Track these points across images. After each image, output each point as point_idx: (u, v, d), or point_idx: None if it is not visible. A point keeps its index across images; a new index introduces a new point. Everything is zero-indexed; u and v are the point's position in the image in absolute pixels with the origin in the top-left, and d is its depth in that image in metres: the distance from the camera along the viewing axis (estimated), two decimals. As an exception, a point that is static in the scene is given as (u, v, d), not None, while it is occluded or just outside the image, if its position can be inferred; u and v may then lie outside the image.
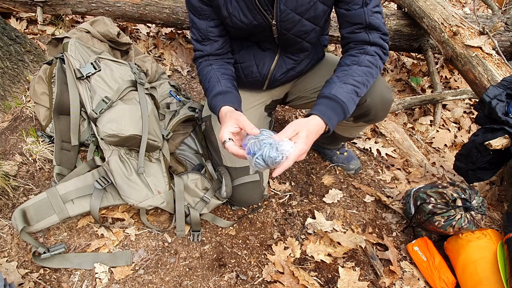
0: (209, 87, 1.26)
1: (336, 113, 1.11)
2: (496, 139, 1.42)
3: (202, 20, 1.25)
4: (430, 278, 1.46)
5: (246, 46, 1.38)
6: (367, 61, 1.19)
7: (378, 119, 1.48)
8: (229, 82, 1.27)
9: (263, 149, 0.96)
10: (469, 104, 2.71)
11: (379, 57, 1.21)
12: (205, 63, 1.32)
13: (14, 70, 1.82)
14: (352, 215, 1.73)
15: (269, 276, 1.41)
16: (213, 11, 1.23)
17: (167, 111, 1.69)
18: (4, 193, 1.46)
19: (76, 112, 1.50)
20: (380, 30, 1.20)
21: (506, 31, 2.46)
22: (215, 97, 1.22)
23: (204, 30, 1.27)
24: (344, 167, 1.94)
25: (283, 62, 1.39)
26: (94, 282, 1.31)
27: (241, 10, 1.18)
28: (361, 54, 1.20)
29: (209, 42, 1.29)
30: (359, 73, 1.17)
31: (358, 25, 1.18)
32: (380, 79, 1.35)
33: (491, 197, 1.92)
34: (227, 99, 1.20)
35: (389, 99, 1.40)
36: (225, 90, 1.23)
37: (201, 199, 1.51)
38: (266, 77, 1.42)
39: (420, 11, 2.23)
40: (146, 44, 2.57)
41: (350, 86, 1.15)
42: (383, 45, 1.21)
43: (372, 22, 1.17)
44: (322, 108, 1.10)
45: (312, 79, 1.54)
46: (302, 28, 1.22)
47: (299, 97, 1.60)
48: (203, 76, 1.31)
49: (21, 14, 2.42)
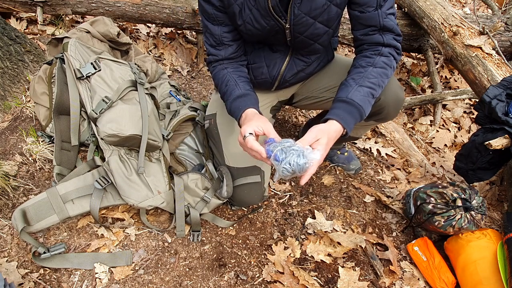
0: (228, 90, 1.27)
1: (354, 117, 1.12)
2: (496, 139, 1.42)
3: (216, 25, 1.25)
4: (430, 278, 1.46)
5: (258, 48, 1.38)
6: (382, 62, 1.19)
7: (389, 118, 1.48)
8: (247, 85, 1.28)
9: (290, 156, 0.96)
10: (469, 104, 2.71)
11: (393, 58, 1.22)
12: (220, 67, 1.32)
13: (14, 70, 1.82)
14: (352, 215, 1.73)
15: (269, 276, 1.41)
16: (227, 17, 1.23)
17: (167, 111, 1.69)
18: (4, 193, 1.46)
19: (76, 112, 1.50)
20: (394, 32, 1.20)
21: (506, 31, 2.46)
22: (236, 100, 1.23)
23: (218, 36, 1.26)
24: (344, 167, 1.94)
25: (293, 64, 1.39)
26: (94, 282, 1.31)
27: (254, 18, 1.18)
28: (375, 55, 1.20)
29: (224, 47, 1.29)
30: (375, 75, 1.17)
31: (372, 27, 1.18)
32: (393, 78, 1.35)
33: (491, 197, 1.92)
34: (250, 101, 1.21)
35: (401, 98, 1.41)
36: (245, 92, 1.24)
37: (201, 199, 1.51)
38: (276, 78, 1.42)
39: (420, 11, 2.23)
40: (146, 44, 2.57)
41: (366, 89, 1.15)
42: (396, 46, 1.22)
43: (386, 25, 1.17)
44: (340, 113, 1.11)
45: (321, 79, 1.54)
46: (315, 31, 1.22)
47: (307, 97, 1.60)
48: (219, 79, 1.31)
49: (21, 14, 2.42)
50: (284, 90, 1.56)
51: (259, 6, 1.14)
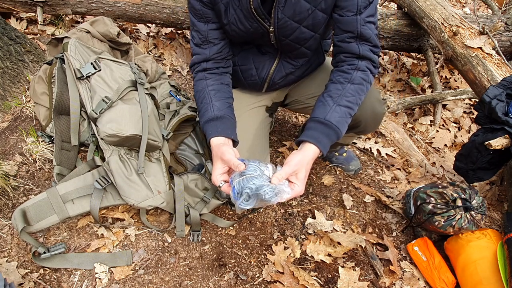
0: (201, 110, 1.26)
1: (330, 139, 1.13)
2: (496, 139, 1.42)
3: (203, 23, 1.25)
4: (430, 278, 1.46)
5: (246, 49, 1.37)
6: (360, 78, 1.19)
7: (369, 131, 1.48)
8: (222, 104, 1.26)
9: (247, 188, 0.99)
10: (469, 104, 2.71)
11: (370, 72, 1.21)
12: (201, 75, 1.31)
13: (14, 70, 1.82)
14: (352, 215, 1.73)
15: (269, 276, 1.41)
16: (214, 14, 1.23)
17: (167, 111, 1.69)
18: (4, 193, 1.46)
19: (76, 112, 1.50)
20: (371, 42, 1.18)
21: (506, 31, 2.46)
22: (206, 124, 1.22)
23: (204, 32, 1.26)
24: (344, 168, 1.94)
25: (282, 67, 1.38)
26: (94, 282, 1.31)
27: (238, 19, 1.18)
28: (352, 70, 1.19)
29: (209, 45, 1.28)
30: (352, 93, 1.17)
31: (349, 33, 1.17)
32: (372, 92, 1.34)
33: (491, 197, 1.92)
34: (218, 127, 1.20)
35: (379, 112, 1.40)
36: (216, 115, 1.22)
37: (201, 199, 1.51)
38: (265, 81, 1.42)
39: (420, 11, 2.23)
40: (146, 44, 2.57)
41: (344, 108, 1.15)
42: (372, 59, 1.20)
43: (363, 32, 1.15)
44: (316, 135, 1.12)
45: (309, 84, 1.54)
46: (301, 35, 1.21)
47: (296, 100, 1.60)
48: (196, 93, 1.31)
49: (21, 14, 2.42)
50: (276, 92, 1.56)
51: (242, 7, 1.14)
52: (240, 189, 1.00)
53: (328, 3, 1.13)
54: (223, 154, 1.08)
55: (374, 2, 1.14)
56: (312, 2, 1.12)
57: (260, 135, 1.52)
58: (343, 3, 1.13)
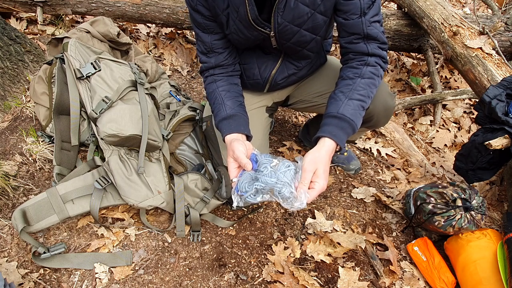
0: (214, 110, 1.28)
1: (346, 132, 1.12)
2: (496, 139, 1.42)
3: (206, 33, 1.26)
4: (430, 278, 1.46)
5: (250, 48, 1.38)
6: (370, 73, 1.19)
7: (380, 125, 1.48)
8: (233, 103, 1.27)
9: (253, 190, 1.01)
10: (469, 104, 2.71)
11: (380, 67, 1.21)
12: (210, 79, 1.33)
13: (14, 70, 1.82)
14: (352, 215, 1.73)
15: (269, 276, 1.41)
16: (217, 25, 1.24)
17: (167, 111, 1.69)
18: (4, 193, 1.46)
19: (76, 112, 1.50)
20: (379, 40, 1.18)
21: (506, 31, 2.46)
22: (220, 123, 1.23)
23: (208, 43, 1.27)
24: (344, 167, 1.94)
25: (285, 67, 1.39)
26: (94, 282, 1.31)
27: (239, 29, 1.19)
28: (362, 65, 1.19)
29: (214, 54, 1.30)
30: (363, 86, 1.17)
31: (356, 35, 1.17)
32: (383, 86, 1.35)
33: (491, 197, 1.92)
34: (231, 125, 1.21)
35: (391, 105, 1.40)
36: (229, 114, 1.24)
37: (201, 199, 1.51)
38: (267, 81, 1.43)
39: (420, 11, 2.23)
40: (146, 44, 2.57)
41: (356, 102, 1.15)
42: (382, 55, 1.20)
43: (370, 33, 1.15)
44: (332, 129, 1.11)
45: (314, 83, 1.54)
46: (301, 38, 1.21)
47: (301, 100, 1.60)
48: (208, 95, 1.33)
49: (21, 14, 2.42)
50: (277, 92, 1.56)
51: (241, 18, 1.15)
52: (244, 187, 1.01)
53: (327, 5, 1.13)
54: (234, 151, 1.09)
55: (377, 1, 1.14)
56: (311, 6, 1.12)
57: (260, 135, 1.52)
58: (346, 7, 1.13)
